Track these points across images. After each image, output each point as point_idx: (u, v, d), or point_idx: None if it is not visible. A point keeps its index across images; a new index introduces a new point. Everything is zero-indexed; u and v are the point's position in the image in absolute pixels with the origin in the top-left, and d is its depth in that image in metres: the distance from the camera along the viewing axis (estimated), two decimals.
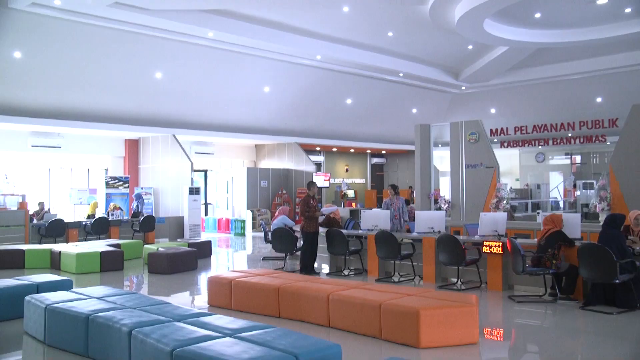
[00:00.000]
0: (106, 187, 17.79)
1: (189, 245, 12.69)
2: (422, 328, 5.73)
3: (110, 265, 11.31)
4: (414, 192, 15.80)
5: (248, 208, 20.44)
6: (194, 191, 17.32)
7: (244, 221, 19.75)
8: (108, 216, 15.79)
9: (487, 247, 8.92)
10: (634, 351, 6.00)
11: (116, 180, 17.97)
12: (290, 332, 4.84)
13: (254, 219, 20.12)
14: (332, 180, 23.41)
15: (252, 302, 7.48)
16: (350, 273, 10.71)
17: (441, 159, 18.38)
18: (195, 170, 18.63)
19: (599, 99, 19.80)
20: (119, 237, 15.46)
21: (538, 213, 14.68)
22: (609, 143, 12.15)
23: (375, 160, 26.99)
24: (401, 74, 18.93)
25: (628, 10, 13.95)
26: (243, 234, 19.40)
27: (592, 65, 18.42)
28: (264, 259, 13.17)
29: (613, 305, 7.48)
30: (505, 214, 10.36)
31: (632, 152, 10.57)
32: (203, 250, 13.14)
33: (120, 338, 5.07)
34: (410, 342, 5.83)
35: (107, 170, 18.91)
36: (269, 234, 12.29)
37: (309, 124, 20.64)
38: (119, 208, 16.58)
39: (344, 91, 19.55)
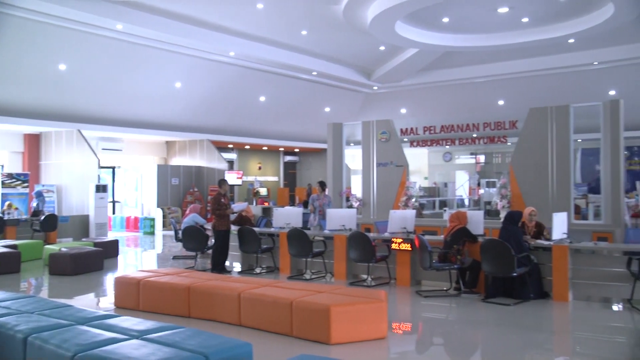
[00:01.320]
0: (2, 187, 16.68)
1: (95, 244, 12.15)
2: (333, 324, 5.79)
3: (5, 267, 10.55)
4: (326, 190, 15.95)
5: (158, 206, 19.89)
6: (100, 189, 16.63)
7: (153, 219, 19.19)
8: (3, 215, 14.82)
9: (397, 244, 9.14)
10: (528, 338, 6.35)
11: (13, 180, 16.85)
12: (200, 332, 4.74)
13: (164, 217, 19.61)
14: (244, 178, 23.22)
15: (161, 302, 7.28)
16: (262, 271, 10.66)
17: (353, 157, 18.69)
18: (102, 167, 17.90)
19: (500, 102, 20.82)
20: (16, 237, 14.50)
21: (445, 210, 15.25)
22: (509, 144, 12.78)
23: (288, 158, 27.04)
24: (315, 73, 19.07)
25: (525, 19, 14.77)
26: (153, 233, 18.86)
27: (495, 69, 19.34)
28: (174, 258, 12.86)
29: (510, 297, 7.90)
30: (414, 211, 10.68)
31: (530, 153, 11.19)
32: (110, 250, 12.63)
33: (14, 346, 4.69)
34: (321, 339, 5.87)
35: (2, 166, 17.76)
36: (180, 232, 12.02)
37: (221, 121, 20.36)
38: (15, 207, 15.61)
39: (258, 89, 19.43)
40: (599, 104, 10.69)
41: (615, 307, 7.68)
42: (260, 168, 25.65)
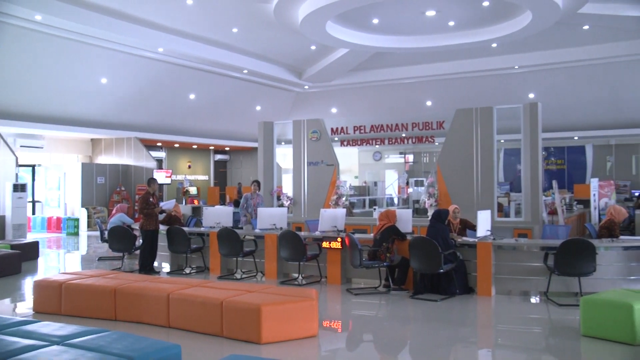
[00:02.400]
0: None
1: (12, 247, 11.56)
2: (264, 324, 5.77)
3: None
4: None
5: (83, 206, 19.18)
6: (18, 188, 15.84)
7: (77, 220, 18.50)
8: None
9: (327, 243, 9.22)
10: (454, 332, 6.57)
11: None
12: (126, 335, 4.61)
13: (89, 217, 18.93)
14: (174, 177, 22.76)
15: (85, 305, 7.02)
16: (192, 271, 10.50)
17: (284, 156, 18.69)
18: (20, 166, 17.04)
19: (429, 103, 21.36)
20: None
21: (374, 209, 15.50)
22: (437, 144, 13.11)
23: (218, 157, 26.71)
24: (245, 71, 18.92)
25: (452, 23, 15.23)
26: (77, 234, 18.17)
27: (423, 71, 19.82)
28: (99, 259, 12.44)
29: (438, 293, 8.13)
30: (345, 210, 10.79)
31: (456, 153, 11.54)
32: (29, 252, 12.05)
33: None
34: (251, 339, 5.84)
35: None
36: (106, 232, 11.64)
37: (150, 119, 19.85)
38: None
39: (187, 86, 19.08)
40: (519, 106, 11.16)
41: (533, 300, 8.05)
42: (190, 167, 25.20)
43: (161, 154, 23.48)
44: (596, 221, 12.68)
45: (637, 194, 17.42)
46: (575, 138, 22.26)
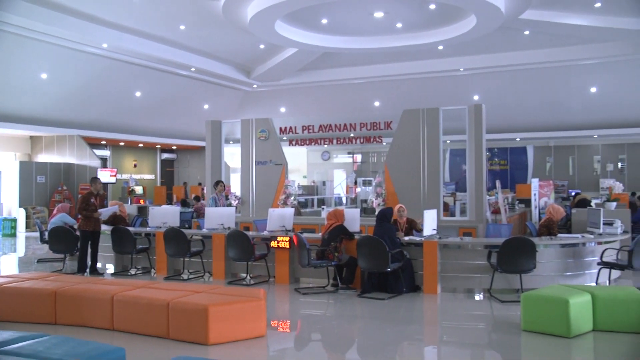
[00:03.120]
0: None
1: None
2: (211, 324, 5.71)
3: None
4: (205, 188, 15.68)
5: (21, 206, 18.48)
6: None
7: (15, 220, 17.82)
8: None
9: (276, 242, 9.20)
10: (400, 330, 6.66)
11: None
12: (67, 339, 4.47)
13: (27, 217, 18.27)
14: (119, 176, 22.20)
15: (22, 310, 6.75)
16: (137, 272, 10.28)
17: (232, 155, 18.53)
18: None
19: (377, 103, 21.60)
20: None
21: (323, 208, 15.55)
22: (384, 144, 13.26)
23: (165, 155, 26.25)
24: (193, 69, 18.65)
25: (399, 25, 15.44)
26: (14, 235, 17.50)
27: (372, 71, 20.01)
28: (39, 261, 12.01)
29: (385, 291, 8.23)
30: (293, 209, 10.78)
31: (403, 153, 11.69)
32: None
33: None
34: (198, 340, 5.77)
35: None
36: (46, 233, 11.25)
37: (93, 116, 19.30)
38: None
39: (133, 83, 18.65)
40: (464, 107, 11.41)
41: (477, 297, 8.25)
42: (135, 166, 24.65)
43: (106, 153, 22.89)
44: (536, 220, 13.08)
45: (573, 194, 18.09)
46: (517, 139, 22.99)
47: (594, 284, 8.20)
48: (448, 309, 7.72)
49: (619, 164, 22.87)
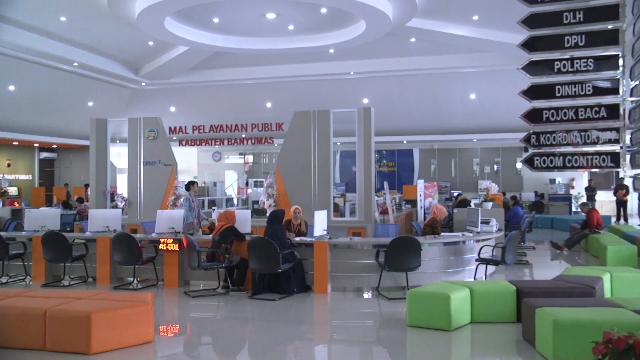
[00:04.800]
0: None
1: None
2: (93, 332, 5.44)
3: None
4: (89, 189, 14.92)
5: None
6: None
7: None
8: None
9: (164, 245, 8.95)
10: (291, 330, 6.71)
11: None
12: None
13: None
14: None
15: None
16: (10, 280, 9.59)
17: (119, 155, 17.79)
18: None
19: (268, 104, 21.62)
20: None
21: (214, 210, 15.32)
22: (276, 145, 13.30)
23: (44, 154, 24.66)
24: (76, 64, 17.66)
25: (291, 27, 15.58)
26: None
27: (264, 72, 20.00)
28: None
29: (276, 292, 8.26)
30: (182, 211, 10.54)
31: (294, 154, 11.80)
32: None
33: None
34: (80, 349, 5.47)
35: None
36: None
37: None
38: None
39: (7, 77, 17.33)
40: (354, 110, 11.70)
41: (366, 295, 8.48)
42: (9, 165, 22.95)
43: None
44: (422, 219, 13.68)
45: (455, 194, 19.10)
46: (404, 142, 23.94)
47: (472, 280, 8.71)
48: (338, 307, 7.88)
49: (495, 167, 24.48)
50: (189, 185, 11.13)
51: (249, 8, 14.14)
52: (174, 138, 12.91)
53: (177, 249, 8.89)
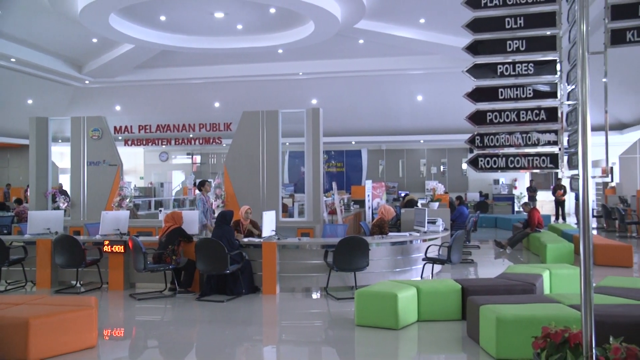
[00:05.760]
0: None
1: None
2: (32, 339, 5.25)
3: None
4: (28, 191, 14.41)
5: None
6: None
7: None
8: None
9: (109, 247, 8.74)
10: (239, 332, 6.67)
11: None
12: None
13: None
14: None
15: None
16: None
17: (61, 155, 17.27)
18: None
19: (217, 104, 21.40)
20: None
21: (160, 211, 15.06)
22: (224, 145, 13.19)
23: None
24: (13, 60, 17.01)
25: (240, 27, 15.46)
26: None
27: (212, 72, 19.76)
28: None
29: (224, 293, 8.19)
30: (128, 212, 10.34)
31: (243, 154, 11.73)
32: None
33: None
34: (16, 357, 5.27)
35: None
36: None
37: None
38: None
39: None
40: (302, 110, 11.72)
41: (314, 296, 8.50)
42: None
43: None
44: (370, 220, 13.82)
45: (403, 195, 19.39)
46: (353, 143, 24.15)
47: (419, 279, 8.86)
48: (286, 308, 7.87)
49: (441, 167, 24.99)
50: (201, 185, 10.78)
51: (197, 7, 13.95)
52: (120, 138, 12.64)
53: (122, 250, 8.70)
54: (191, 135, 12.52)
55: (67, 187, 12.85)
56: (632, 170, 19.12)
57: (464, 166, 24.30)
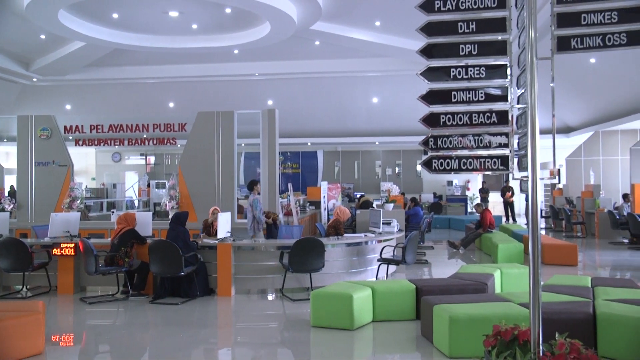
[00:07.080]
0: None
1: None
2: None
3: None
4: None
5: None
6: None
7: None
8: None
9: (58, 249, 8.50)
10: (194, 334, 6.58)
11: None
12: None
13: None
14: None
15: None
16: None
17: (7, 154, 16.73)
18: None
19: (171, 104, 21.11)
20: None
21: (113, 212, 14.77)
22: (179, 146, 13.05)
23: None
24: None
25: (195, 26, 15.30)
26: None
27: (166, 72, 19.48)
28: None
29: (179, 296, 8.08)
30: (79, 213, 10.10)
31: (198, 155, 11.61)
32: None
33: None
34: None
35: None
36: None
37: None
38: None
39: None
40: (258, 112, 11.68)
41: (270, 297, 8.47)
42: None
43: None
44: (325, 221, 13.87)
45: (358, 196, 19.53)
46: (309, 144, 24.18)
47: (374, 279, 8.94)
48: (242, 310, 7.82)
49: (396, 169, 25.29)
50: (253, 185, 10.07)
51: (151, 5, 13.74)
52: (70, 138, 12.33)
53: (72, 253, 8.48)
54: (145, 136, 12.32)
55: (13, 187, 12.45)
56: (577, 173, 19.81)
57: (419, 168, 24.65)
